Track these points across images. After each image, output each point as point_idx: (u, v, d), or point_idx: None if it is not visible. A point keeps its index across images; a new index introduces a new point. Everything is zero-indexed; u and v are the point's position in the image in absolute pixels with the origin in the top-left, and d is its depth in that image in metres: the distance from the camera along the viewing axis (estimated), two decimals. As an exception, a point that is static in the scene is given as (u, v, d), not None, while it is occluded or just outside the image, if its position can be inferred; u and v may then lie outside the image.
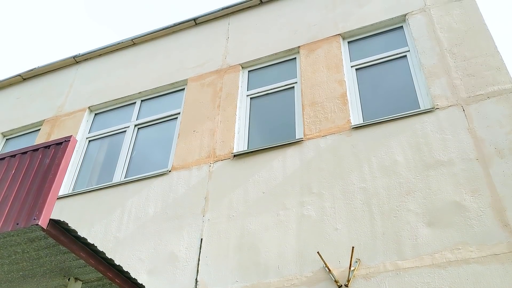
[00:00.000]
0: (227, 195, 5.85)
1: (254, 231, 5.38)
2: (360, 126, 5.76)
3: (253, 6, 8.24)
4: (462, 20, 6.18)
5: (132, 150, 7.26)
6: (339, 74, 6.46)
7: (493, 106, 5.24)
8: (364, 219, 4.97)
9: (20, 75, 9.44)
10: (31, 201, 3.84)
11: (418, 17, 6.56)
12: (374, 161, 5.36)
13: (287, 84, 6.91)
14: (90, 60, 9.15)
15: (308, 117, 6.18)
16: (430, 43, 6.16)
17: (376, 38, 6.86)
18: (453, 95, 5.52)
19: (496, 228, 4.42)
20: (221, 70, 7.49)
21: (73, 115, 8.16)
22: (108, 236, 6.11)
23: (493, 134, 5.03)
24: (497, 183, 4.68)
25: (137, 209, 6.22)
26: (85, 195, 6.75)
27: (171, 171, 6.44)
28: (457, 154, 5.03)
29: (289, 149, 5.94)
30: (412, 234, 4.68)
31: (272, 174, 5.80)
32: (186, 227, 5.76)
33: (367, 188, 5.18)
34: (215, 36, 8.17)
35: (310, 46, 7.05)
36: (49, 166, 4.02)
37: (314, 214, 5.22)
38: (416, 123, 5.48)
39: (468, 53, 5.81)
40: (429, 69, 5.91)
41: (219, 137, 6.54)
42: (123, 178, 6.81)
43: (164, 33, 8.74)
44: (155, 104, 7.81)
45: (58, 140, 4.18)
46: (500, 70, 5.48)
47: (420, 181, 5.00)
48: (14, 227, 3.72)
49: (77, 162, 7.46)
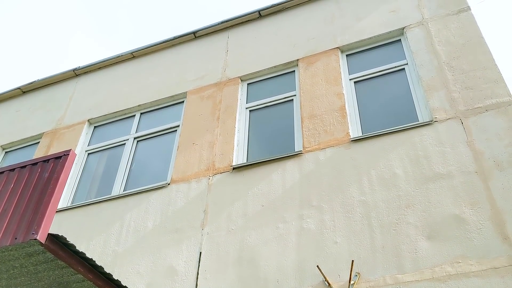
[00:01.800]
0: (226, 208, 5.83)
1: (253, 245, 5.36)
2: (359, 139, 5.77)
3: (252, 19, 8.30)
4: (460, 33, 6.22)
5: (131, 163, 7.26)
6: (338, 87, 6.49)
7: (491, 119, 5.25)
8: (364, 232, 4.95)
9: (20, 88, 9.46)
10: (30, 215, 3.84)
11: (416, 31, 6.60)
12: (374, 174, 5.36)
13: (286, 97, 6.93)
14: (90, 73, 9.18)
15: (307, 129, 6.19)
16: (428, 56, 6.20)
17: (375, 51, 6.90)
18: (452, 108, 5.54)
19: (496, 241, 4.40)
20: (220, 83, 7.52)
21: (73, 128, 8.17)
22: (107, 250, 6.08)
23: (492, 147, 5.03)
24: (497, 196, 4.67)
25: (136, 223, 6.20)
26: (84, 208, 6.73)
27: (170, 184, 6.44)
28: (456, 167, 5.04)
29: (289, 162, 5.94)
30: (412, 247, 4.66)
31: (271, 187, 5.79)
32: (185, 241, 5.73)
33: (366, 201, 5.18)
34: (215, 49, 8.22)
35: (309, 59, 7.09)
36: (48, 180, 4.03)
37: (314, 227, 5.21)
38: (415, 136, 5.49)
39: (466, 66, 5.84)
40: (428, 82, 5.94)
41: (219, 150, 6.55)
42: (122, 191, 6.80)
43: (164, 46, 8.79)
44: (155, 117, 7.82)
45: (57, 154, 4.19)
46: (498, 83, 5.50)
47: (420, 194, 4.99)
48: (13, 242, 3.72)
49: (76, 175, 7.45)
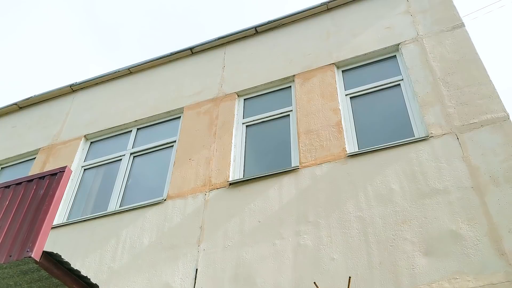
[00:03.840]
0: (223, 224, 5.81)
1: (250, 261, 5.32)
2: (356, 154, 5.78)
3: (248, 35, 8.36)
4: (454, 49, 6.28)
5: (127, 178, 7.24)
6: (334, 103, 6.52)
7: (487, 134, 5.27)
8: (361, 248, 4.93)
9: (17, 104, 9.45)
10: (25, 232, 3.82)
11: (411, 47, 6.66)
12: (370, 190, 5.36)
13: (282, 112, 6.96)
14: (87, 89, 9.19)
15: (304, 145, 6.20)
16: (423, 72, 6.24)
17: (370, 67, 6.95)
18: (447, 123, 5.57)
19: (493, 257, 4.39)
20: (217, 98, 7.55)
21: (69, 143, 8.16)
22: (103, 267, 6.03)
23: (487, 163, 5.05)
24: (493, 212, 4.67)
25: (132, 239, 6.16)
26: (79, 224, 6.69)
27: (167, 200, 6.41)
28: (453, 183, 5.04)
29: (285, 177, 5.94)
30: (409, 263, 4.64)
31: (268, 203, 5.78)
32: (181, 257, 5.70)
33: (363, 216, 5.17)
34: (211, 65, 8.26)
35: (305, 75, 7.13)
36: (43, 197, 4.02)
37: (311, 244, 5.19)
38: (411, 151, 5.51)
39: (461, 82, 5.88)
40: (423, 98, 5.97)
41: (215, 165, 6.54)
42: (118, 207, 6.77)
43: (161, 62, 8.83)
44: (151, 132, 7.82)
45: (53, 171, 4.19)
46: (493, 99, 5.54)
47: (416, 210, 4.99)
48: (7, 259, 3.69)
49: (72, 191, 7.41)
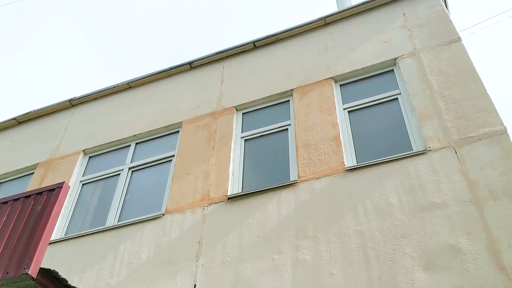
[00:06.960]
0: (221, 239, 5.78)
1: (248, 277, 5.29)
2: (354, 168, 5.77)
3: (247, 50, 8.41)
4: (451, 63, 6.32)
5: (126, 193, 7.22)
6: (332, 116, 6.54)
7: (485, 148, 5.28)
8: (360, 263, 4.91)
9: (16, 119, 9.47)
10: (22, 249, 3.79)
11: (408, 61, 6.70)
12: (369, 204, 5.35)
13: (280, 126, 6.97)
14: (86, 104, 9.22)
15: (302, 159, 6.20)
16: (421, 86, 6.27)
17: (368, 81, 6.98)
18: (445, 137, 5.58)
19: (492, 271, 4.37)
20: (215, 112, 7.57)
21: (67, 158, 8.15)
22: (100, 283, 5.99)
23: (486, 176, 5.05)
24: (492, 226, 4.66)
25: (130, 254, 6.13)
26: (77, 240, 6.66)
27: (165, 215, 6.39)
28: (451, 196, 5.04)
29: (284, 192, 5.93)
30: (409, 278, 4.62)
31: (266, 217, 5.76)
32: (180, 273, 5.66)
33: (362, 231, 5.15)
34: (210, 79, 8.30)
35: (303, 89, 7.16)
36: (40, 213, 4.00)
37: (310, 259, 5.16)
38: (409, 165, 5.51)
39: (458, 96, 5.90)
40: (421, 112, 5.99)
41: (214, 180, 6.53)
42: (116, 222, 6.74)
43: (160, 77, 8.87)
44: (150, 147, 7.83)
45: (51, 187, 4.18)
46: (490, 112, 5.56)
47: (415, 224, 4.97)
48: (4, 276, 3.67)
49: (70, 206, 7.39)
